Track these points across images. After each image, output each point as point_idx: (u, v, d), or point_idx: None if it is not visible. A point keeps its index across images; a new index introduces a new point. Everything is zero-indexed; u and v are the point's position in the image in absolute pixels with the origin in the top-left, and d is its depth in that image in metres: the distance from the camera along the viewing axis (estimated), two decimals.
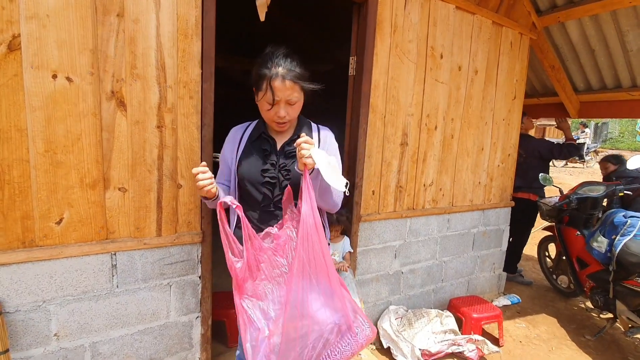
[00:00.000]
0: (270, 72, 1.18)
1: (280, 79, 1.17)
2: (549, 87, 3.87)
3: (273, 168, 1.30)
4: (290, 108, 1.24)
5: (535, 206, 3.38)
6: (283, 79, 1.17)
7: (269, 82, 1.17)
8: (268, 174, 1.29)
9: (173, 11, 1.45)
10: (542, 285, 3.58)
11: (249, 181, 1.29)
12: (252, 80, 1.26)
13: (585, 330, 2.79)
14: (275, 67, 1.18)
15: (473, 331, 2.37)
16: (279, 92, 1.18)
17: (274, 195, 1.30)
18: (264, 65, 1.20)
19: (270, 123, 1.29)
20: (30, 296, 1.33)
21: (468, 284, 2.99)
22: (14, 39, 1.20)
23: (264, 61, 1.21)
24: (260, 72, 1.20)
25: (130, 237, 1.49)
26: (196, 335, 1.74)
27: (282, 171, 1.30)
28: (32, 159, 1.27)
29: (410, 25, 2.19)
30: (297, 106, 1.26)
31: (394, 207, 2.38)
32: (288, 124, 1.29)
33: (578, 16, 2.78)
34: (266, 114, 1.26)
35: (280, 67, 1.18)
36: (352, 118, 2.16)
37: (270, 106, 1.22)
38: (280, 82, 1.17)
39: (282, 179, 1.30)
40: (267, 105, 1.22)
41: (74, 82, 1.30)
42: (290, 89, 1.19)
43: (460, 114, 2.59)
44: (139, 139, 1.45)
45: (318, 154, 1.13)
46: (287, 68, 1.19)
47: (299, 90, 1.23)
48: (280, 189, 1.30)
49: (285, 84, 1.18)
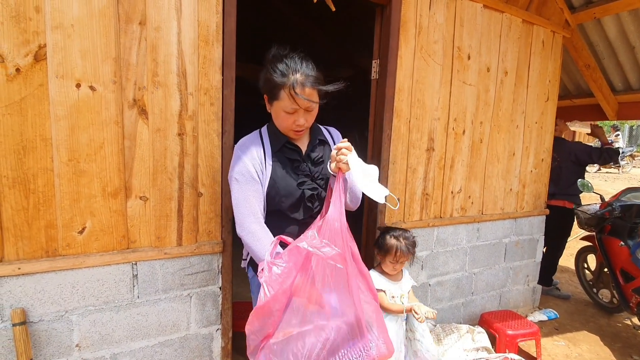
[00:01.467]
0: (288, 80, 1.10)
1: (300, 86, 1.10)
2: (584, 87, 3.66)
3: (309, 179, 1.23)
4: (309, 115, 1.17)
5: (571, 214, 3.17)
6: (303, 86, 1.10)
7: (290, 90, 1.09)
8: (307, 187, 1.21)
9: (194, 18, 1.44)
10: (581, 300, 3.33)
11: (286, 197, 1.20)
12: (265, 88, 1.18)
13: (633, 349, 2.55)
14: (294, 74, 1.10)
15: (508, 349, 2.21)
16: (299, 101, 1.10)
17: (314, 207, 1.25)
18: (279, 72, 1.11)
19: (286, 132, 1.22)
20: (53, 306, 1.32)
21: (500, 298, 2.82)
22: (40, 49, 1.21)
23: (278, 67, 1.12)
24: (276, 80, 1.11)
25: (151, 247, 1.47)
26: (216, 348, 1.69)
27: (318, 180, 1.25)
28: (56, 168, 1.27)
29: (435, 25, 2.10)
30: (315, 112, 1.19)
31: (420, 215, 2.27)
32: (305, 130, 1.23)
33: (616, 11, 2.61)
34: (283, 123, 1.18)
35: (299, 74, 1.11)
36: (376, 123, 2.08)
37: (288, 115, 1.15)
38: (301, 90, 1.10)
39: (320, 190, 1.24)
40: (284, 114, 1.15)
41: (97, 90, 1.29)
42: (310, 95, 1.13)
43: (489, 117, 2.46)
44: (160, 146, 1.43)
45: (355, 161, 1.09)
46: (305, 74, 1.11)
47: (317, 96, 1.16)
48: (319, 200, 1.25)
49: (305, 92, 1.11)
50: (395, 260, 1.67)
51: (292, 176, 1.22)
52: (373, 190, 1.12)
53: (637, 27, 2.75)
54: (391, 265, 1.69)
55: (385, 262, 1.70)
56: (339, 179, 1.11)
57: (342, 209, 1.09)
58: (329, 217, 1.08)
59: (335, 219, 1.08)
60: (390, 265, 1.69)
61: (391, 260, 1.68)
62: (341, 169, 1.11)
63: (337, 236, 1.07)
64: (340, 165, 1.10)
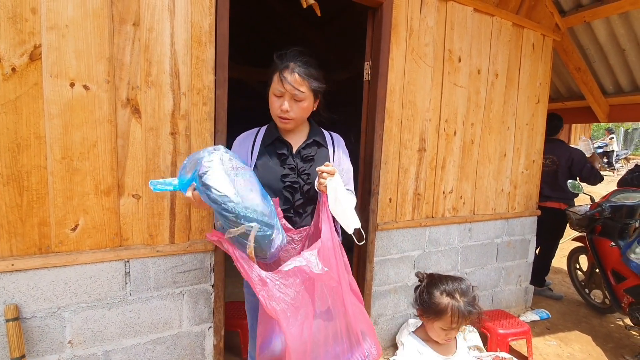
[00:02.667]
0: (282, 63, 1.21)
1: (290, 71, 1.19)
2: (575, 90, 3.71)
3: (293, 172, 1.28)
4: (295, 105, 1.23)
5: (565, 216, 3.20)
6: (292, 71, 1.19)
7: (279, 73, 1.19)
8: (289, 179, 1.27)
9: (187, 19, 1.46)
10: (573, 300, 3.36)
11: (268, 187, 1.25)
12: (268, 77, 1.27)
13: (625, 349, 2.57)
14: (287, 60, 1.21)
15: (499, 348, 2.23)
16: (285, 84, 1.19)
17: (294, 200, 1.28)
18: (279, 60, 1.23)
19: (275, 119, 1.29)
20: (45, 302, 1.34)
21: (492, 298, 2.84)
22: (35, 49, 1.23)
23: (279, 57, 1.24)
24: (273, 65, 1.23)
25: (144, 245, 1.49)
26: (209, 346, 1.70)
27: (302, 175, 1.29)
28: (49, 166, 1.29)
29: (426, 28, 2.14)
30: (304, 105, 1.25)
31: (412, 215, 2.29)
32: (292, 122, 1.27)
33: (606, 15, 2.66)
34: (272, 108, 1.26)
35: (292, 62, 1.20)
36: (368, 124, 2.11)
37: (276, 99, 1.23)
38: (289, 74, 1.19)
39: (302, 183, 1.28)
40: (273, 97, 1.23)
41: (90, 90, 1.32)
42: (298, 83, 1.20)
43: (480, 118, 2.50)
44: (152, 145, 1.45)
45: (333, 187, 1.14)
46: (298, 63, 1.21)
47: (307, 88, 1.22)
48: (301, 193, 1.29)
49: (295, 77, 1.19)
50: (449, 327, 1.21)
51: (275, 168, 1.28)
52: (343, 219, 1.16)
53: (627, 30, 2.80)
54: (443, 333, 1.23)
55: (434, 327, 1.24)
56: (325, 198, 1.17)
57: (331, 225, 1.16)
58: (324, 238, 1.14)
59: (328, 238, 1.15)
60: (441, 332, 1.23)
61: (444, 327, 1.21)
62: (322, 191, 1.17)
63: (331, 254, 1.14)
64: (321, 188, 1.16)
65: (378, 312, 2.25)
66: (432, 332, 1.27)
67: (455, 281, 1.27)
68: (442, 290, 1.23)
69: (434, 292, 1.24)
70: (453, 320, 1.19)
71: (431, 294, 1.24)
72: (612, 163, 12.36)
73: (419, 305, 1.29)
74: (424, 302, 1.26)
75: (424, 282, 1.31)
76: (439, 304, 1.20)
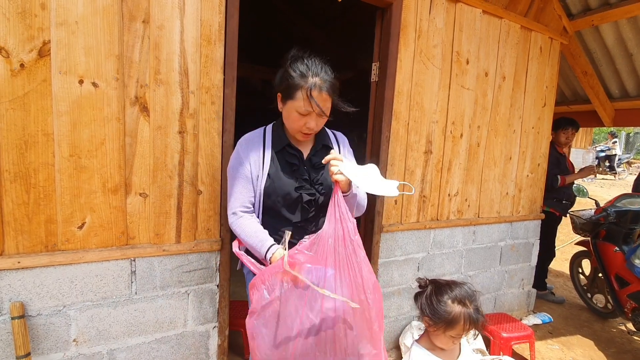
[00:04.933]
0: (307, 82, 1.11)
1: (318, 90, 1.11)
2: (580, 94, 3.70)
3: (307, 183, 1.23)
4: (320, 119, 1.18)
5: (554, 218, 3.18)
6: (320, 90, 1.12)
7: (307, 92, 1.11)
8: (305, 191, 1.22)
9: (197, 17, 1.45)
10: (575, 304, 3.35)
11: (283, 199, 1.22)
12: (281, 87, 1.18)
13: (627, 355, 2.57)
14: (313, 77, 1.12)
15: (502, 352, 2.22)
16: (313, 104, 1.12)
17: (310, 211, 1.25)
18: (299, 72, 1.13)
19: (294, 133, 1.22)
20: (51, 300, 1.33)
21: (495, 301, 2.84)
22: (44, 45, 1.22)
23: (298, 67, 1.14)
24: (295, 80, 1.12)
25: (150, 244, 1.48)
26: (213, 345, 1.70)
27: (316, 185, 1.25)
28: (57, 163, 1.28)
29: (435, 30, 2.13)
30: (326, 117, 1.20)
31: (417, 217, 2.29)
32: (314, 134, 1.24)
33: (614, 19, 2.65)
34: (294, 124, 1.18)
35: (318, 78, 1.12)
36: (375, 125, 2.10)
37: (300, 117, 1.15)
38: (318, 94, 1.12)
39: (318, 195, 1.24)
40: (297, 115, 1.15)
41: (99, 87, 1.31)
42: (326, 100, 1.14)
43: (487, 121, 2.49)
44: (160, 144, 1.44)
45: (350, 169, 1.07)
46: (324, 79, 1.13)
47: (330, 102, 1.17)
48: (316, 205, 1.25)
49: (322, 96, 1.13)
50: (459, 335, 1.19)
51: (289, 179, 1.22)
52: (382, 189, 1.07)
53: (635, 34, 2.79)
54: (451, 340, 1.21)
55: (443, 335, 1.20)
56: (335, 193, 1.08)
57: (337, 225, 1.05)
58: (322, 235, 1.05)
59: (329, 236, 1.04)
60: (449, 340, 1.20)
61: (454, 334, 1.18)
62: (338, 182, 1.08)
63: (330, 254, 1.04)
64: (336, 177, 1.07)
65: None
66: (438, 340, 1.23)
67: (461, 287, 1.23)
68: (452, 297, 1.18)
69: (445, 300, 1.18)
70: (465, 327, 1.16)
71: (441, 302, 1.18)
72: (614, 167, 12.35)
73: (428, 314, 1.21)
74: (434, 311, 1.19)
75: (429, 290, 1.25)
76: (452, 313, 1.15)
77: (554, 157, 3.14)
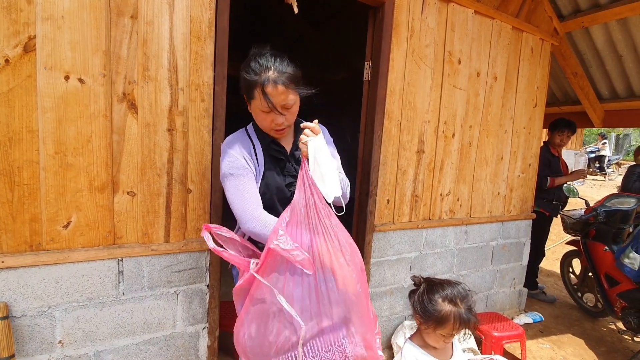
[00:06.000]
0: (260, 78, 1.08)
1: (272, 84, 1.08)
2: (571, 95, 3.74)
3: (294, 180, 1.23)
4: (287, 112, 1.15)
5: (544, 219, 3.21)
6: (275, 84, 1.08)
7: (262, 89, 1.08)
8: (293, 188, 1.20)
9: (187, 13, 1.43)
10: (566, 303, 3.39)
11: (277, 197, 1.21)
12: (242, 88, 1.17)
13: (617, 354, 2.60)
14: (265, 72, 1.08)
15: (494, 351, 2.23)
16: (273, 99, 1.09)
17: None
18: (252, 71, 1.10)
19: (268, 131, 1.21)
20: (36, 301, 1.30)
21: (487, 300, 2.85)
22: (29, 41, 1.19)
23: (250, 65, 1.11)
24: (250, 79, 1.10)
25: (138, 243, 1.46)
26: (202, 346, 1.67)
27: None
28: (42, 161, 1.25)
29: (427, 29, 2.13)
30: (295, 109, 1.18)
31: (409, 217, 2.29)
32: (287, 129, 1.21)
33: (604, 20, 2.68)
34: (262, 123, 1.18)
35: (270, 71, 1.08)
36: (367, 124, 2.10)
37: (265, 114, 1.14)
38: (273, 88, 1.08)
39: None
40: (262, 113, 1.14)
41: (86, 83, 1.28)
42: (284, 93, 1.10)
43: (478, 121, 2.50)
44: (149, 142, 1.42)
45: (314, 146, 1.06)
46: (277, 71, 1.09)
47: (294, 93, 1.14)
48: None
49: (278, 89, 1.09)
50: (450, 334, 1.19)
51: (279, 176, 1.22)
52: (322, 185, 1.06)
53: (625, 36, 2.82)
54: (442, 339, 1.22)
55: (434, 334, 1.21)
56: (303, 162, 1.08)
57: (306, 193, 1.04)
58: (294, 204, 1.04)
59: (300, 204, 1.03)
60: (440, 339, 1.21)
61: (444, 333, 1.19)
62: (302, 151, 1.09)
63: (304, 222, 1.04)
64: (301, 145, 1.09)
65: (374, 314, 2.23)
66: (430, 339, 1.24)
67: (455, 286, 1.23)
68: (443, 296, 1.19)
69: (435, 299, 1.19)
70: (455, 327, 1.16)
71: (432, 301, 1.20)
72: (603, 168, 12.52)
73: (419, 312, 1.23)
74: (424, 310, 1.21)
75: (422, 288, 1.27)
76: (441, 311, 1.17)
77: (545, 158, 3.17)
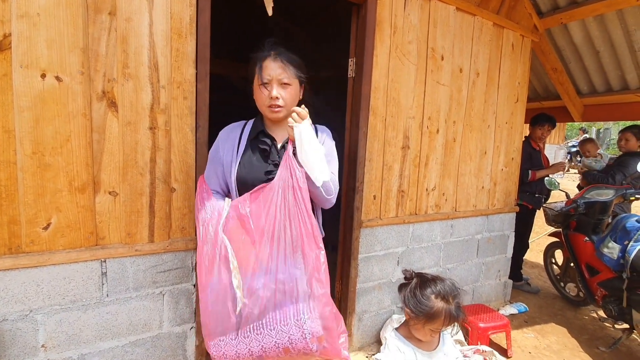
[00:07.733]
0: (262, 54, 1.22)
1: (272, 57, 1.20)
2: (552, 90, 3.83)
3: (276, 169, 1.24)
4: (283, 91, 1.22)
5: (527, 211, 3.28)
6: (275, 57, 1.20)
7: (261, 62, 1.20)
8: (273, 176, 1.22)
9: (167, 10, 1.42)
10: (550, 294, 3.47)
11: (252, 184, 1.22)
12: (249, 74, 1.26)
13: (599, 341, 2.68)
14: (267, 50, 1.22)
15: (480, 342, 2.28)
16: (270, 71, 1.19)
17: None
18: (258, 50, 1.24)
19: (264, 110, 1.26)
20: (17, 305, 1.27)
21: (473, 292, 2.90)
22: (4, 39, 1.17)
23: (257, 49, 1.24)
24: (254, 56, 1.23)
25: (121, 244, 1.44)
26: (190, 347, 1.66)
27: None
28: (19, 161, 1.22)
29: (410, 26, 2.16)
30: (292, 91, 1.24)
31: (396, 212, 2.31)
32: (283, 110, 1.23)
33: (581, 17, 2.75)
34: (259, 100, 1.25)
35: (273, 50, 1.22)
36: (352, 120, 2.11)
37: (263, 89, 1.21)
38: (272, 61, 1.20)
39: None
40: (259, 88, 1.22)
41: (63, 81, 1.26)
42: (281, 68, 1.20)
43: (462, 116, 2.54)
44: (130, 140, 1.40)
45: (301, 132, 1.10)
46: (280, 51, 1.22)
47: (291, 74, 1.22)
48: None
49: (278, 63, 1.20)
50: (438, 329, 1.23)
51: (259, 164, 1.26)
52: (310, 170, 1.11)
53: (602, 32, 2.90)
54: (429, 333, 1.24)
55: (423, 328, 1.23)
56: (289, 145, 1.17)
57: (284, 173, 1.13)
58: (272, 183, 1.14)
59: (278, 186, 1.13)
60: (428, 333, 1.24)
61: (433, 328, 1.22)
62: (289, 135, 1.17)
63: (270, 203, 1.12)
64: (287, 129, 1.16)
65: (362, 309, 2.25)
66: (418, 332, 1.26)
67: (446, 283, 1.26)
68: (436, 293, 1.21)
69: (428, 295, 1.21)
70: (445, 323, 1.19)
71: (424, 297, 1.21)
72: None
73: (410, 307, 1.24)
74: (416, 304, 1.22)
75: (414, 283, 1.28)
76: (433, 308, 1.19)
77: (526, 152, 3.24)
